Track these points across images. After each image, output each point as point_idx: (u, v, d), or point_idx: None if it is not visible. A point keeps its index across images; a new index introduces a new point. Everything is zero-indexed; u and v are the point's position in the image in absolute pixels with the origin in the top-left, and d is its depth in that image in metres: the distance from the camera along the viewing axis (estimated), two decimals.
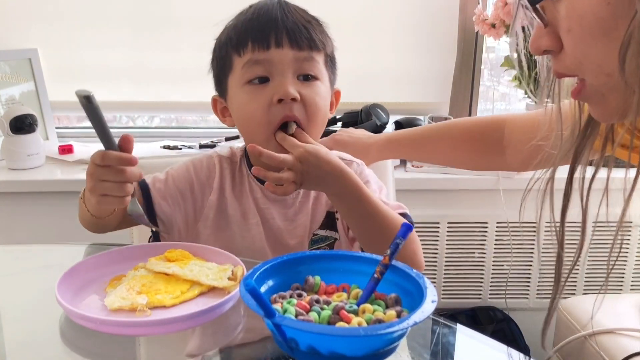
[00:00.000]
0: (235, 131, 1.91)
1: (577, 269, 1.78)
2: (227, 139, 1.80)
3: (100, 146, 0.81)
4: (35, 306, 0.81)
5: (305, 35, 0.91)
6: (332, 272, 0.73)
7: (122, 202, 0.81)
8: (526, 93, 1.72)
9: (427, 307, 0.62)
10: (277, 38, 0.89)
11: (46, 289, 0.86)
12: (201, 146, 1.75)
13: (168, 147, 1.77)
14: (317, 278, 0.72)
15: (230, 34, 0.94)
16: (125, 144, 0.84)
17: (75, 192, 1.62)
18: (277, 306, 0.64)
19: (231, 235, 0.97)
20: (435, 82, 1.90)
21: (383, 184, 1.02)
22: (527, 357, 0.84)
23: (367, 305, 0.66)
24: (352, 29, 1.83)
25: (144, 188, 0.96)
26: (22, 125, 1.63)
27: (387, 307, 0.67)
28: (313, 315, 0.64)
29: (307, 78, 0.92)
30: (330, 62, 0.98)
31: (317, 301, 0.67)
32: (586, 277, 1.79)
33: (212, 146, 1.75)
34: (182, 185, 0.97)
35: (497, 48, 2.02)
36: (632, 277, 1.79)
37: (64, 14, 1.79)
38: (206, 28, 1.87)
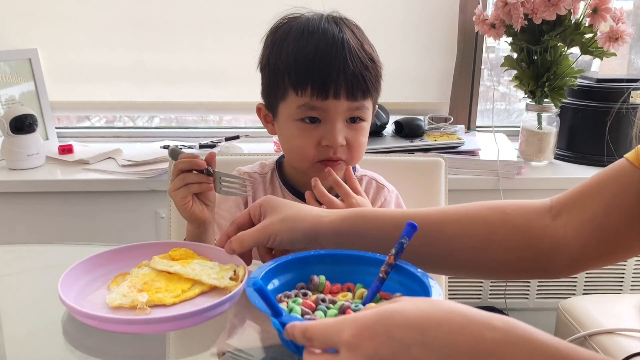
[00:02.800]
0: (235, 131, 1.91)
1: None
2: (227, 139, 1.80)
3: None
4: (35, 306, 0.81)
5: (362, 86, 0.94)
6: (336, 272, 0.73)
7: (200, 187, 0.89)
8: (526, 93, 1.72)
9: None
10: (336, 90, 0.92)
11: (46, 289, 0.86)
12: (201, 146, 1.75)
13: (168, 147, 1.77)
14: (322, 277, 0.72)
15: (289, 67, 0.94)
16: (209, 161, 0.91)
17: (75, 192, 1.64)
18: (282, 305, 0.64)
19: None
20: (435, 82, 1.90)
21: None
22: None
23: (373, 305, 0.66)
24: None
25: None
26: (22, 125, 1.63)
27: None
28: (319, 315, 0.64)
29: (354, 120, 0.98)
30: (377, 97, 1.03)
31: (323, 300, 0.67)
32: (586, 278, 1.79)
33: (212, 146, 1.75)
34: (237, 200, 1.05)
35: (497, 48, 2.03)
36: (632, 277, 1.79)
37: (64, 14, 1.78)
38: (206, 28, 1.88)
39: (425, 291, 0.66)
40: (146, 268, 0.78)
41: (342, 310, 0.64)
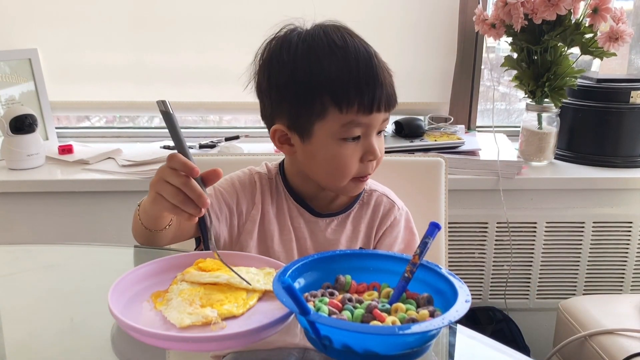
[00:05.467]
0: (235, 131, 1.91)
1: (577, 269, 1.78)
2: (227, 139, 1.80)
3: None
4: (35, 306, 0.81)
5: (394, 96, 0.93)
6: (361, 271, 0.74)
7: (172, 209, 0.78)
8: (526, 93, 1.72)
9: (462, 307, 0.62)
10: (379, 104, 0.90)
11: (46, 289, 0.86)
12: (201, 146, 1.75)
13: (168, 147, 1.77)
14: (348, 277, 0.72)
15: (331, 85, 0.88)
16: (208, 175, 0.82)
17: (75, 192, 1.64)
18: (309, 305, 0.64)
19: (270, 249, 1.00)
20: (436, 82, 1.90)
21: None
22: (527, 357, 0.84)
23: (400, 305, 0.66)
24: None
25: None
26: (22, 125, 1.63)
27: (418, 306, 0.67)
28: (346, 314, 0.64)
29: (379, 132, 0.95)
30: None
31: (350, 300, 0.68)
32: (586, 278, 1.79)
33: (212, 146, 1.75)
34: (229, 199, 0.99)
35: (497, 48, 2.02)
36: (632, 277, 1.79)
37: (64, 14, 1.78)
38: (206, 28, 1.88)
39: (453, 291, 0.66)
40: (184, 283, 0.76)
41: (369, 310, 0.65)
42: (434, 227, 0.69)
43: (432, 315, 0.64)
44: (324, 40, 0.91)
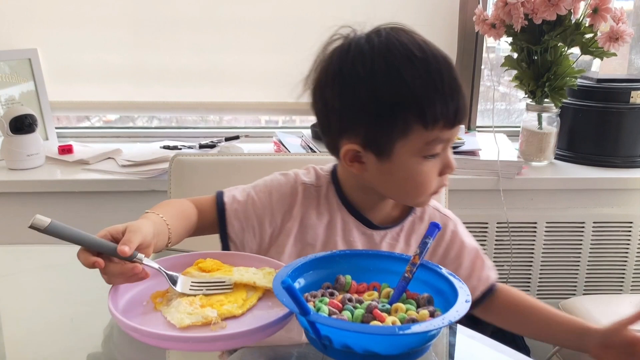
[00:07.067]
0: (235, 131, 1.91)
1: (577, 269, 1.78)
2: (227, 139, 1.80)
3: None
4: (35, 306, 0.81)
5: (466, 107, 0.88)
6: (361, 271, 0.74)
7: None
8: (526, 93, 1.72)
9: (462, 307, 0.62)
10: (462, 116, 0.86)
11: (46, 289, 0.86)
12: (201, 146, 1.75)
13: (168, 147, 1.77)
14: (348, 277, 0.72)
15: (417, 101, 0.81)
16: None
17: (75, 192, 1.64)
18: (309, 305, 0.64)
19: None
20: None
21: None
22: (527, 358, 0.84)
23: (400, 305, 0.66)
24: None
25: (220, 205, 0.93)
26: (22, 125, 1.63)
27: (418, 306, 0.67)
28: (346, 314, 0.64)
29: None
30: None
31: (350, 300, 0.68)
32: (586, 278, 1.79)
33: (212, 146, 1.75)
34: (261, 211, 0.93)
35: (497, 48, 2.02)
36: (632, 277, 1.79)
37: (64, 14, 1.78)
38: (206, 28, 1.88)
39: (453, 291, 0.66)
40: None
41: (369, 310, 0.65)
42: (434, 227, 0.70)
43: (432, 315, 0.64)
44: (400, 50, 0.83)
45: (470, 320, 1.91)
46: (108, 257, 0.71)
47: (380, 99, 0.82)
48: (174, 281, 0.74)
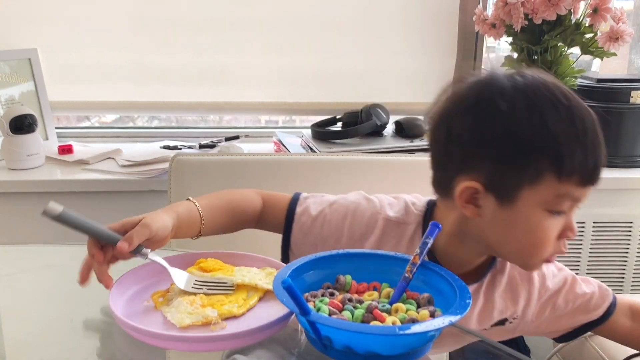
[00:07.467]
0: (235, 131, 1.91)
1: (578, 270, 1.78)
2: (227, 139, 1.80)
3: None
4: (35, 306, 0.81)
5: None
6: (361, 271, 0.74)
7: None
8: None
9: (462, 307, 0.62)
10: (598, 177, 0.80)
11: (46, 289, 0.86)
12: (201, 146, 1.75)
13: (168, 147, 1.77)
14: (349, 277, 0.72)
15: (555, 148, 0.76)
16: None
17: (75, 192, 1.63)
18: (309, 305, 0.64)
19: None
20: (436, 82, 1.90)
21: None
22: (527, 358, 0.84)
23: (400, 305, 0.66)
24: (352, 29, 1.83)
25: (290, 213, 0.90)
26: (22, 125, 1.63)
27: (418, 306, 0.68)
28: (346, 314, 0.64)
29: None
30: None
31: (350, 300, 0.68)
32: None
33: (212, 146, 1.75)
34: (328, 232, 0.89)
35: (497, 48, 2.02)
36: (632, 277, 1.79)
37: (64, 14, 1.78)
38: (206, 28, 1.88)
39: (453, 291, 0.66)
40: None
41: (370, 310, 0.65)
42: (434, 227, 0.70)
43: (432, 315, 0.64)
44: (545, 93, 0.77)
45: None
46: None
47: (518, 136, 0.76)
48: (177, 278, 0.75)
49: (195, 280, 0.75)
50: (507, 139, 0.76)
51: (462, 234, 0.85)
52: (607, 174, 1.94)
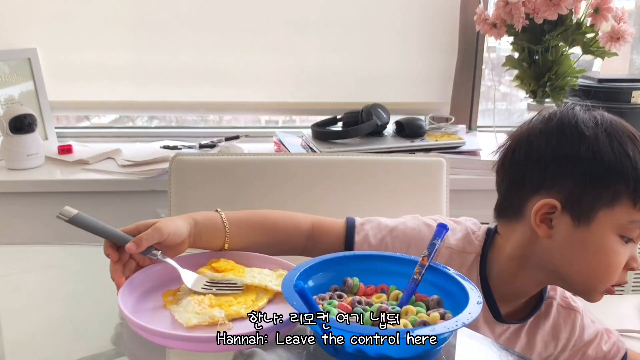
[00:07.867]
0: (235, 131, 1.91)
1: None
2: (227, 139, 1.80)
3: None
4: (35, 306, 0.81)
5: None
6: (368, 273, 0.74)
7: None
8: (527, 93, 1.72)
9: (474, 309, 0.62)
10: None
11: (46, 289, 0.86)
12: (201, 146, 1.75)
13: (168, 147, 1.77)
14: (356, 279, 0.72)
15: (632, 173, 0.79)
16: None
17: (75, 192, 1.63)
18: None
19: None
20: (436, 82, 1.90)
21: None
22: (527, 358, 0.84)
23: (410, 307, 0.66)
24: (352, 29, 1.83)
25: (349, 241, 0.89)
26: (22, 125, 1.62)
27: (427, 308, 0.67)
28: (356, 317, 0.64)
29: None
30: None
31: (359, 302, 0.67)
32: None
33: (212, 146, 1.75)
34: (399, 244, 0.89)
35: (498, 48, 2.02)
36: (634, 278, 1.79)
37: (63, 13, 1.78)
38: (205, 28, 1.88)
39: (462, 292, 0.66)
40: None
41: (379, 312, 0.64)
42: (441, 228, 0.69)
43: (442, 317, 0.64)
44: (621, 128, 0.82)
45: None
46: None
47: (600, 158, 0.79)
48: (187, 278, 0.75)
49: (206, 281, 0.75)
50: (589, 159, 0.80)
51: (524, 258, 0.86)
52: None
